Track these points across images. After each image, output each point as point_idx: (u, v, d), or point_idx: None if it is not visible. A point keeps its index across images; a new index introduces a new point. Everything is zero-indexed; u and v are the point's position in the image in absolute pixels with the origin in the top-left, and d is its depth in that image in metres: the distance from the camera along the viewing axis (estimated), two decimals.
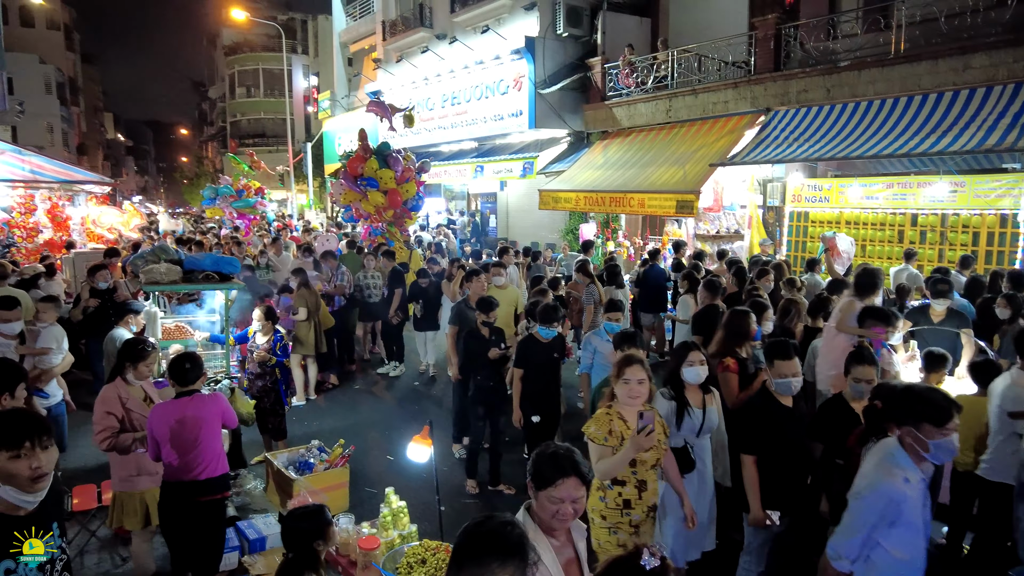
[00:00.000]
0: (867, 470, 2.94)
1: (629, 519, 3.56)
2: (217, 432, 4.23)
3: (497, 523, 1.90)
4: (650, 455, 3.53)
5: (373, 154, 12.29)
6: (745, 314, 4.91)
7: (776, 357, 3.85)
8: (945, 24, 9.88)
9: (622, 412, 3.55)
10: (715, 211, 13.44)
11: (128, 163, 71.92)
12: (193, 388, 4.22)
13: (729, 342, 4.80)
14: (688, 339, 5.17)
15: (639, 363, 3.59)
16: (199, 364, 4.25)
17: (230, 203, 20.88)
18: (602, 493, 3.60)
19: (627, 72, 14.65)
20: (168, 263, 6.01)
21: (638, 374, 3.55)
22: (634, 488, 3.56)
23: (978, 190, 9.86)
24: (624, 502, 3.56)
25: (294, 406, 8.48)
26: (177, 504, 4.12)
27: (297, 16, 44.85)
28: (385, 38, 22.26)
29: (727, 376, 4.62)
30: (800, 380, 3.89)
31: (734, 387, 4.59)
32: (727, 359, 4.69)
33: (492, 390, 6.04)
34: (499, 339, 6.12)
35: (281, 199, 34.97)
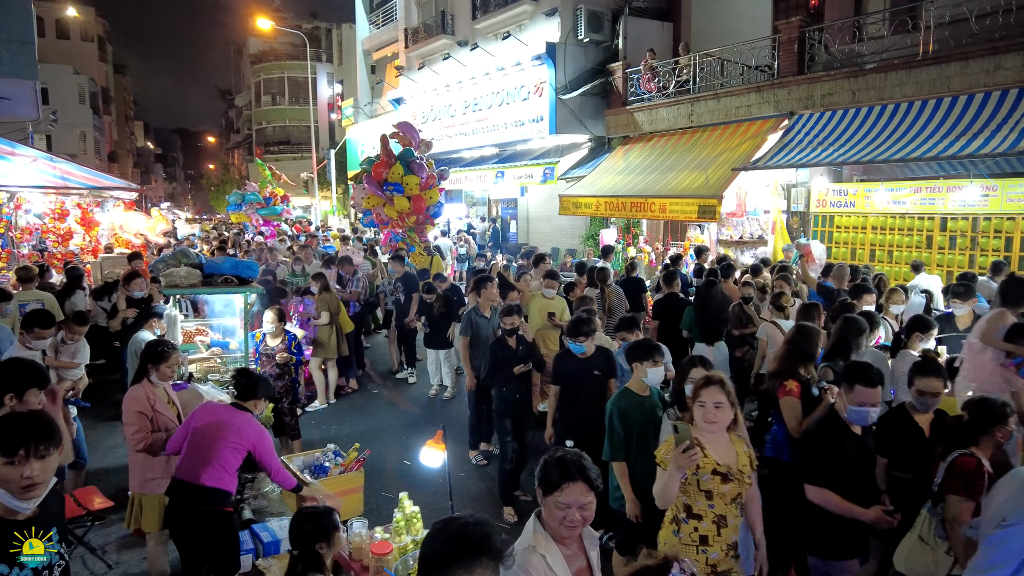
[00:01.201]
0: (1011, 495, 2.63)
1: (706, 557, 3.21)
2: (234, 447, 4.05)
3: (458, 526, 1.83)
4: (730, 488, 3.18)
5: (398, 160, 12.37)
6: (812, 332, 4.46)
7: (858, 382, 3.36)
8: (976, 24, 9.66)
9: (701, 439, 3.22)
10: (738, 216, 13.27)
11: (157, 170, 73.38)
12: (247, 405, 4.17)
13: (791, 362, 4.34)
14: (697, 353, 4.94)
15: (718, 385, 3.23)
16: (256, 382, 4.20)
17: (257, 210, 21.19)
18: (675, 527, 3.29)
19: (649, 77, 14.57)
20: (188, 267, 6.07)
21: (715, 396, 3.20)
22: (712, 524, 3.21)
23: (1011, 194, 9.59)
24: (700, 538, 3.22)
25: (315, 410, 8.56)
26: (179, 506, 4.08)
27: (322, 25, 45.48)
28: (407, 45, 22.44)
29: (790, 401, 4.21)
30: (878, 411, 3.44)
31: (797, 413, 4.18)
32: (789, 382, 4.24)
33: (517, 403, 5.73)
34: (527, 349, 5.81)
35: (305, 206, 35.36)
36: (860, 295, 6.24)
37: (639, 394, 4.20)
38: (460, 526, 1.83)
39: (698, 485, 3.18)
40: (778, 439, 4.46)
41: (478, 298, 7.10)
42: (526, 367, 5.64)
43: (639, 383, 4.21)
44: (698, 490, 3.18)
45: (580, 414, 5.02)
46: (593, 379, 5.08)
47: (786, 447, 4.37)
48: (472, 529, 1.82)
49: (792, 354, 4.42)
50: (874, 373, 3.41)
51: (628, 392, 4.22)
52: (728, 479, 3.17)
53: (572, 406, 5.09)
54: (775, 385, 4.34)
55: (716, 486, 3.17)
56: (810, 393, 4.26)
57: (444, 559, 1.78)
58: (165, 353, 4.39)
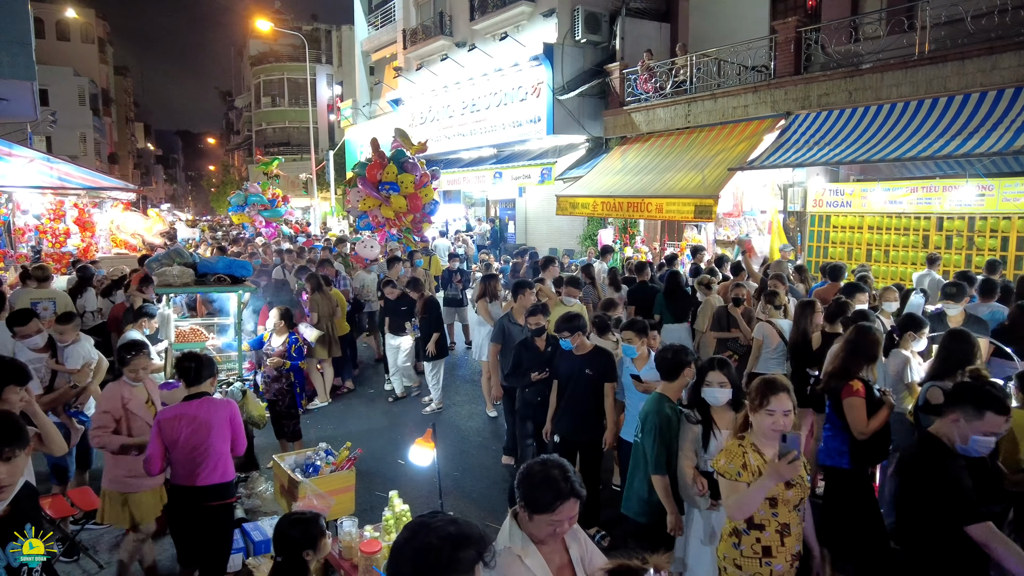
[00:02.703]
0: None
1: (770, 569, 3.08)
2: (225, 436, 4.21)
3: (422, 540, 1.70)
4: (793, 493, 3.05)
5: (391, 160, 12.42)
6: (874, 332, 4.29)
7: (990, 408, 2.90)
8: (972, 24, 9.65)
9: (758, 444, 3.10)
10: (735, 216, 13.27)
11: (158, 172, 73.45)
12: (202, 390, 4.24)
13: (854, 362, 4.19)
14: (715, 355, 4.56)
15: (787, 391, 3.06)
16: (204, 363, 4.24)
17: (259, 211, 21.23)
18: (736, 539, 3.13)
19: (646, 77, 14.58)
20: (181, 266, 6.08)
21: (785, 404, 3.04)
22: (775, 533, 3.07)
23: (1007, 193, 9.59)
24: (764, 549, 3.07)
25: (313, 409, 8.57)
26: (183, 508, 4.15)
27: (322, 26, 45.55)
28: (406, 46, 22.46)
29: (855, 402, 4.06)
30: (993, 442, 3.02)
31: (863, 415, 4.04)
32: (854, 382, 4.10)
33: (540, 405, 5.53)
34: (555, 352, 5.59)
35: (304, 207, 35.38)
36: (853, 294, 6.23)
37: (674, 400, 4.03)
38: (424, 542, 1.70)
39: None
40: (832, 446, 4.26)
41: (513, 303, 6.84)
42: (543, 374, 5.41)
43: (674, 388, 4.05)
44: (763, 499, 3.03)
45: (568, 410, 5.15)
46: (583, 378, 5.10)
47: (847, 453, 4.17)
48: (441, 545, 1.68)
49: (853, 353, 4.22)
50: (1005, 399, 3.05)
51: (665, 399, 4.02)
52: (791, 484, 3.04)
53: (561, 402, 5.23)
54: (838, 385, 4.16)
55: (781, 492, 3.02)
56: (873, 395, 4.13)
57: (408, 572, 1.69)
58: (125, 359, 4.43)
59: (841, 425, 4.16)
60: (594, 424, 5.19)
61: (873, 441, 4.09)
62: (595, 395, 5.14)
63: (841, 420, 4.15)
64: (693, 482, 3.69)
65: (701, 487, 3.67)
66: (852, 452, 4.13)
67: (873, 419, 4.04)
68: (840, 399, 4.13)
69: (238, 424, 4.29)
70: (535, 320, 5.61)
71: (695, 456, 3.74)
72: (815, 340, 5.76)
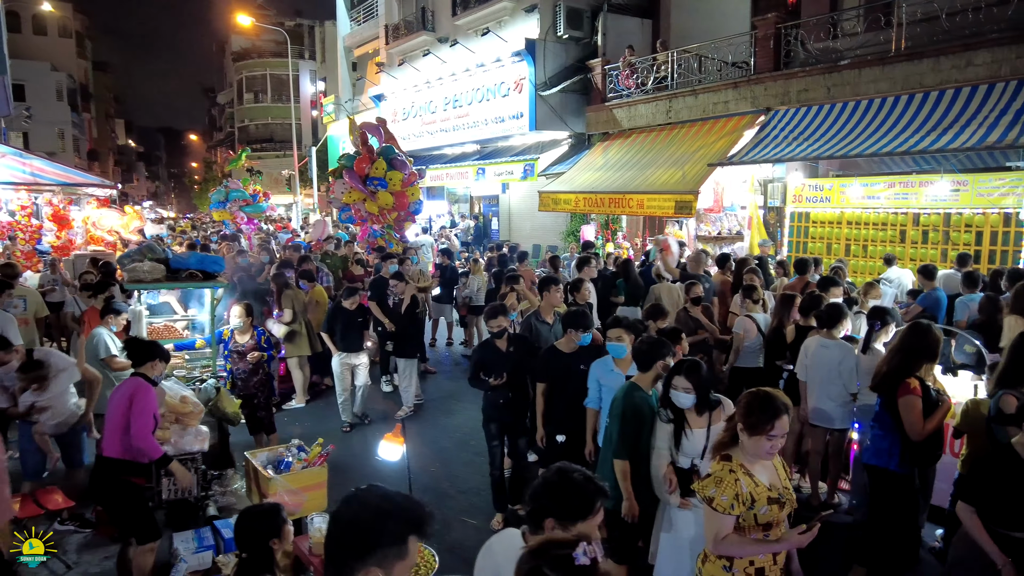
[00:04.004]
0: None
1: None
2: (119, 412, 4.28)
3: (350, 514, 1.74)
4: (784, 510, 2.89)
5: (380, 156, 12.33)
6: (930, 331, 4.08)
7: None
8: (947, 21, 9.74)
9: (748, 466, 2.85)
10: (716, 212, 13.33)
11: (139, 169, 72.66)
12: (140, 371, 4.47)
13: (912, 361, 4.01)
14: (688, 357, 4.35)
15: (787, 411, 2.84)
16: (141, 347, 4.56)
17: (241, 207, 21.01)
18: (727, 562, 2.91)
19: (627, 73, 14.59)
20: (153, 262, 6.00)
21: (786, 426, 2.81)
22: (769, 554, 2.92)
23: (981, 189, 9.70)
24: (757, 571, 2.89)
25: (292, 408, 8.50)
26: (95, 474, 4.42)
27: (305, 22, 45.28)
28: (388, 42, 22.35)
29: (911, 401, 3.91)
30: None
31: (920, 415, 3.90)
32: (912, 381, 3.94)
33: (504, 408, 5.35)
34: (520, 353, 5.41)
35: (287, 203, 35.14)
36: (827, 288, 6.28)
37: (645, 390, 4.03)
38: (352, 512, 1.73)
39: (755, 520, 2.83)
40: (882, 446, 4.14)
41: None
42: (500, 380, 5.19)
43: (647, 380, 4.04)
44: (756, 525, 2.84)
45: (570, 410, 4.99)
46: (580, 374, 5.01)
47: (897, 454, 4.04)
48: (369, 515, 1.71)
49: (913, 352, 4.02)
50: None
51: (637, 386, 4.02)
52: (781, 503, 2.87)
53: (561, 402, 5.07)
54: (894, 384, 4.00)
55: (775, 515, 2.84)
56: (929, 395, 3.99)
57: (334, 548, 1.72)
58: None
59: (892, 425, 4.01)
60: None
61: (925, 443, 3.98)
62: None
63: (893, 420, 4.00)
64: (664, 478, 3.70)
65: (671, 485, 3.68)
66: (903, 454, 3.99)
67: (929, 420, 3.91)
68: (895, 398, 3.98)
69: (138, 408, 4.26)
70: (497, 324, 5.38)
71: (669, 454, 3.74)
72: (789, 333, 5.80)
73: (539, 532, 2.22)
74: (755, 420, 2.78)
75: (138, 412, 4.23)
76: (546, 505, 2.18)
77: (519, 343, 5.51)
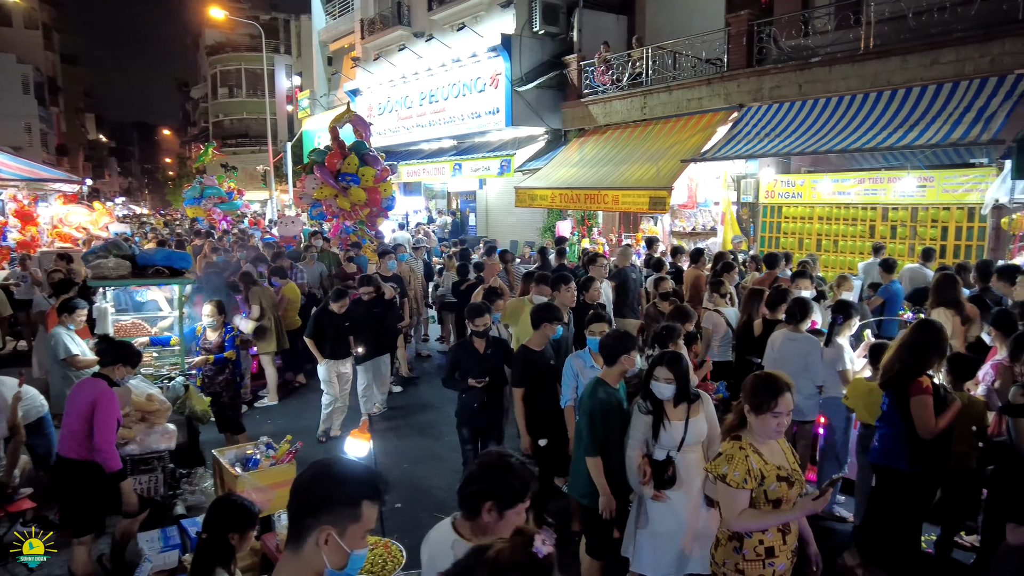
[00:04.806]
0: None
1: (773, 570, 3.00)
2: (77, 415, 4.26)
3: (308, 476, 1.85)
4: (794, 490, 2.97)
5: (352, 151, 12.23)
6: (939, 328, 4.06)
7: None
8: (913, 20, 9.91)
9: (756, 445, 2.98)
10: (690, 208, 13.44)
11: (111, 164, 71.35)
12: (102, 372, 4.46)
13: (922, 358, 3.95)
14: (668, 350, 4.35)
15: (789, 389, 2.96)
16: (111, 348, 4.55)
17: (216, 204, 20.74)
18: (738, 543, 3.02)
19: (603, 69, 14.63)
20: (118, 258, 5.89)
21: (789, 403, 2.94)
22: (778, 532, 2.98)
23: (946, 185, 9.90)
24: (767, 551, 2.97)
25: (264, 406, 8.41)
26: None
27: (280, 16, 44.70)
28: (364, 36, 22.15)
29: (924, 400, 3.85)
30: None
31: (931, 413, 3.85)
32: (923, 379, 3.88)
33: (478, 412, 5.19)
34: (498, 355, 5.28)
35: (263, 199, 34.73)
36: (796, 281, 6.37)
37: (612, 385, 4.03)
38: (309, 475, 1.85)
39: (765, 497, 2.92)
40: (890, 446, 4.08)
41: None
42: (482, 382, 5.06)
43: (613, 375, 4.04)
44: (766, 502, 2.93)
45: (550, 410, 4.91)
46: (555, 370, 4.99)
47: (906, 454, 3.98)
48: (323, 479, 1.82)
49: (922, 349, 3.96)
50: None
51: (603, 383, 4.02)
52: (791, 481, 2.96)
53: (540, 403, 4.96)
54: (903, 383, 3.94)
55: (785, 493, 2.93)
56: (939, 393, 3.95)
57: (293, 505, 1.83)
58: None
59: (902, 424, 3.95)
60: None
61: (934, 442, 3.93)
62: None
63: (903, 419, 3.94)
64: (639, 469, 3.70)
65: (644, 476, 3.68)
66: (912, 453, 3.93)
67: (940, 418, 3.86)
68: (905, 396, 3.92)
69: (101, 415, 4.22)
70: (482, 322, 5.21)
71: (644, 445, 3.74)
72: (756, 327, 5.86)
73: (475, 517, 2.23)
74: (760, 399, 2.93)
75: (101, 420, 4.20)
76: (486, 489, 2.18)
77: (497, 345, 5.38)
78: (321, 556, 1.75)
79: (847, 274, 7.96)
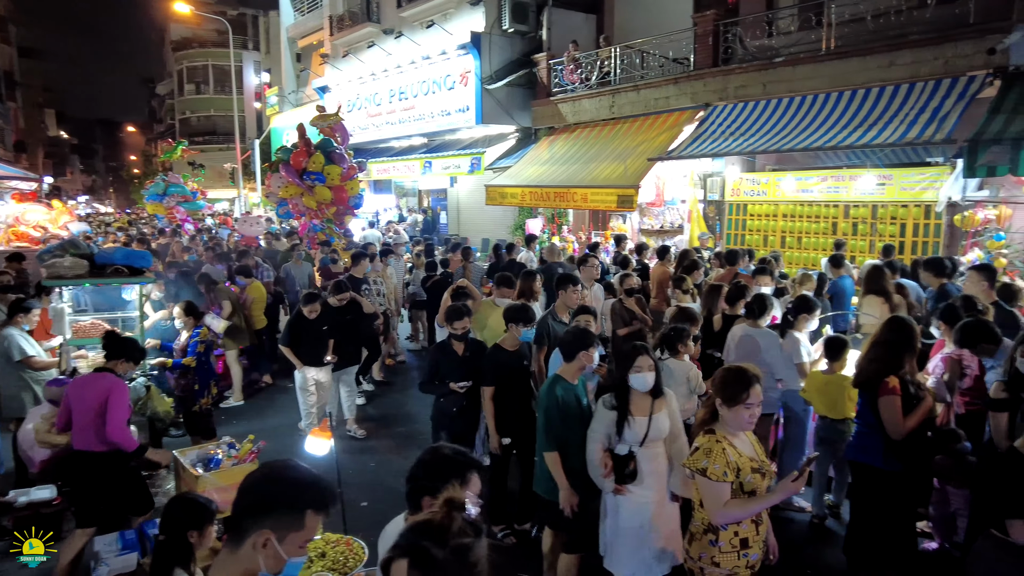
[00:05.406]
0: None
1: (747, 560, 3.06)
2: (88, 410, 4.39)
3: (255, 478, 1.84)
4: (765, 481, 3.05)
5: (318, 149, 12.10)
6: (909, 325, 4.06)
7: None
8: (872, 23, 10.14)
9: (730, 438, 3.05)
10: (658, 206, 13.58)
11: (73, 162, 69.58)
12: (106, 367, 4.60)
13: (892, 357, 3.99)
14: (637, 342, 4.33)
15: (759, 380, 3.05)
16: (118, 344, 4.66)
17: (179, 203, 20.35)
18: (713, 536, 3.06)
19: (572, 68, 14.70)
20: (75, 257, 5.77)
21: (760, 394, 3.03)
22: (752, 523, 3.05)
23: (904, 183, 10.16)
24: (741, 542, 3.04)
25: (229, 406, 8.31)
26: (70, 465, 4.59)
27: (248, 11, 43.97)
28: (332, 33, 21.95)
29: (891, 401, 3.89)
30: None
31: (899, 414, 3.89)
32: (892, 380, 3.91)
33: (456, 417, 5.13)
34: (476, 357, 5.21)
35: (231, 197, 34.21)
36: (756, 277, 6.49)
37: (570, 381, 4.05)
38: (255, 477, 1.84)
39: (742, 489, 2.98)
40: (867, 442, 4.13)
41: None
42: (463, 387, 5.01)
43: (572, 371, 4.05)
44: (742, 494, 2.99)
45: (518, 409, 4.92)
46: (526, 371, 5.00)
47: (881, 451, 4.03)
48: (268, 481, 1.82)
49: (895, 347, 3.99)
50: None
51: (561, 379, 4.04)
52: (763, 472, 3.03)
53: (509, 402, 4.93)
54: (874, 382, 4.00)
55: (759, 484, 3.00)
56: (908, 391, 3.97)
57: (236, 507, 1.82)
58: None
59: (876, 422, 4.01)
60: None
61: (910, 439, 3.97)
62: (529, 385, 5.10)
63: (876, 417, 4.00)
64: (600, 463, 3.70)
65: (606, 468, 3.69)
66: (885, 451, 3.98)
67: (909, 417, 3.90)
68: (875, 396, 3.98)
69: (113, 406, 4.38)
70: (461, 325, 5.14)
71: (606, 439, 3.74)
72: (716, 322, 5.97)
73: (419, 512, 2.27)
74: (732, 392, 3.00)
75: (114, 411, 4.38)
76: (424, 484, 2.22)
77: (476, 348, 5.31)
78: (257, 559, 1.74)
79: (808, 271, 8.15)
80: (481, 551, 1.58)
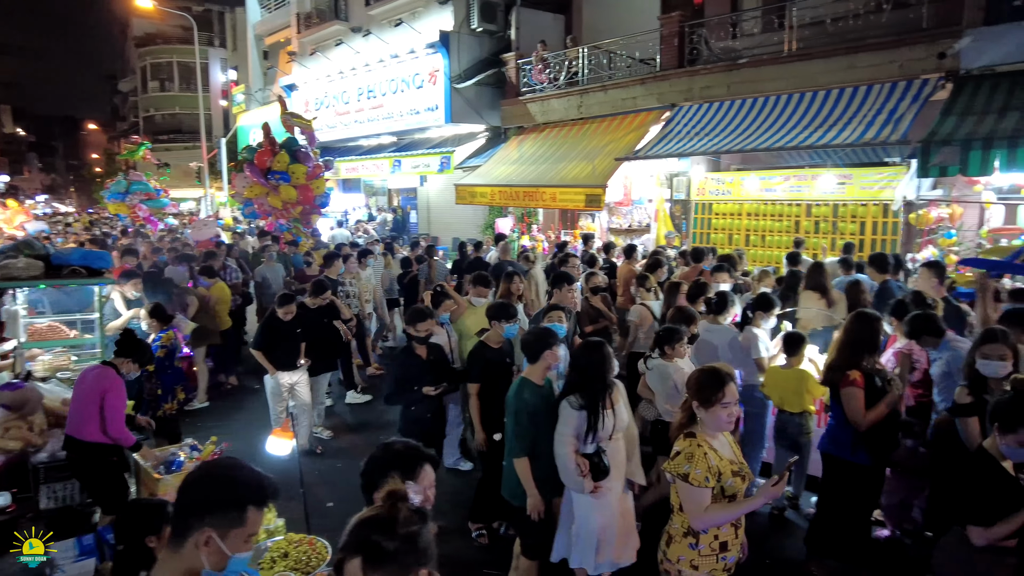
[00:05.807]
0: None
1: (724, 564, 3.06)
2: (87, 401, 4.53)
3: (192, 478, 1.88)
4: (744, 483, 3.04)
5: (283, 148, 11.98)
6: (874, 320, 4.15)
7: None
8: (831, 26, 10.38)
9: (710, 441, 3.02)
10: (626, 205, 13.72)
11: (31, 160, 67.69)
12: (112, 361, 4.78)
13: (855, 351, 4.07)
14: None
15: (733, 379, 3.06)
16: (128, 343, 4.81)
17: (142, 201, 19.89)
18: (693, 539, 3.03)
19: (540, 68, 14.77)
20: (29, 258, 5.64)
21: (735, 393, 3.02)
22: (731, 526, 3.05)
23: (863, 182, 10.42)
24: (721, 545, 3.03)
25: (194, 408, 8.18)
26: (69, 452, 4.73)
27: (214, 7, 43.24)
28: (300, 31, 21.71)
29: (853, 392, 3.98)
30: None
31: (861, 405, 3.97)
32: (853, 372, 4.00)
33: (430, 422, 5.03)
34: (440, 361, 5.19)
35: (197, 197, 33.61)
36: (715, 274, 6.62)
37: (537, 383, 3.99)
38: (193, 477, 1.88)
39: (723, 492, 2.97)
40: (837, 435, 4.19)
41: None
42: (438, 389, 4.93)
43: (538, 372, 4.00)
44: (723, 497, 2.98)
45: (497, 404, 4.78)
46: (510, 368, 4.98)
47: (849, 444, 4.10)
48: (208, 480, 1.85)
49: (854, 343, 4.10)
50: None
51: (528, 382, 3.97)
52: (742, 475, 3.04)
53: (495, 399, 4.78)
54: (837, 376, 4.09)
55: (738, 487, 2.99)
56: (874, 384, 4.04)
57: (177, 506, 1.86)
58: None
59: (844, 416, 4.08)
60: None
61: (878, 432, 4.03)
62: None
63: (843, 411, 4.08)
64: (575, 466, 3.60)
65: (583, 468, 3.60)
66: (853, 443, 4.05)
67: (872, 410, 3.96)
68: (839, 390, 4.07)
69: (109, 401, 4.52)
70: (425, 327, 5.00)
71: (576, 440, 3.63)
72: None
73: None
74: (707, 393, 3.00)
75: (111, 409, 4.51)
76: (376, 480, 2.20)
77: (437, 350, 5.24)
78: (199, 557, 1.75)
79: (768, 268, 8.31)
80: (429, 536, 1.62)
